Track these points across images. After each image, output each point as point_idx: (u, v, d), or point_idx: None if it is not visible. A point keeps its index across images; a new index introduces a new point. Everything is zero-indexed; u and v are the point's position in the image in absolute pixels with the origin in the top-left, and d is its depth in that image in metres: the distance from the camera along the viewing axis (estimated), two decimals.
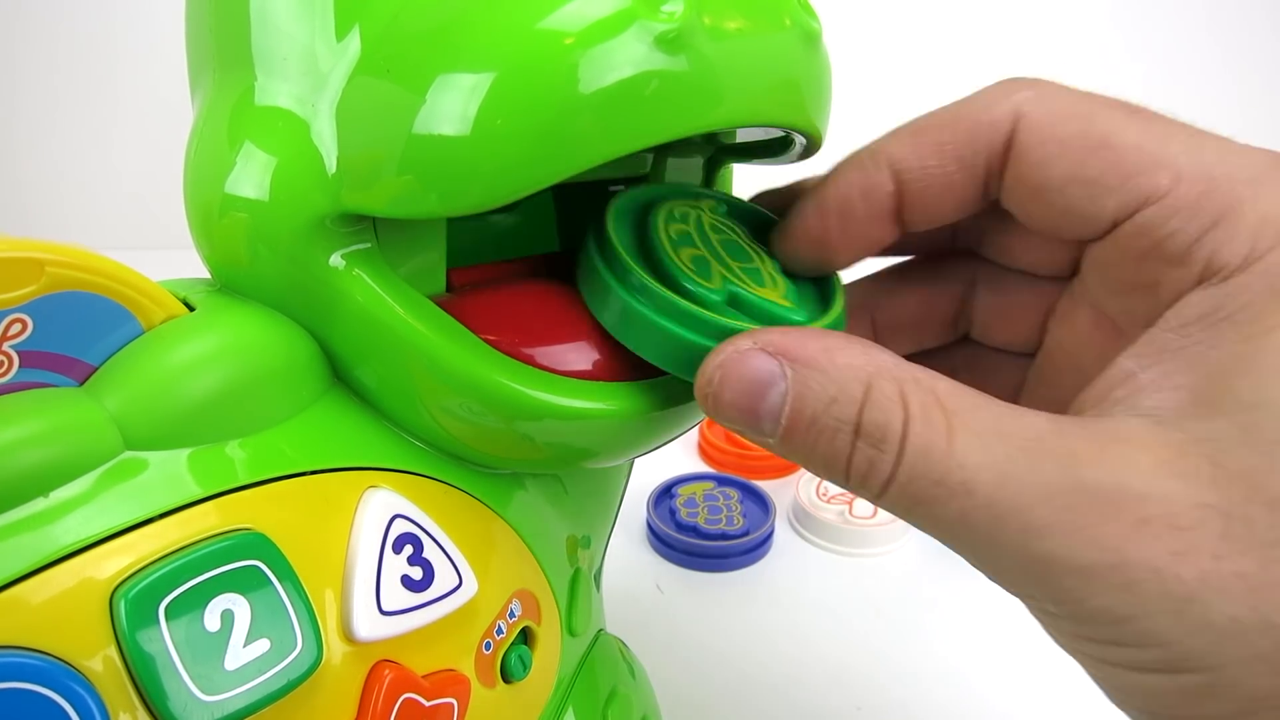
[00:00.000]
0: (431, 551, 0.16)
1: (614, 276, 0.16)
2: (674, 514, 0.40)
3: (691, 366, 0.16)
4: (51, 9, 0.77)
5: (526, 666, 0.18)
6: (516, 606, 0.18)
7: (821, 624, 0.35)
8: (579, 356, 0.16)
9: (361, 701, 0.14)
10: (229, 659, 0.12)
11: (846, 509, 0.40)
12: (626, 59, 0.13)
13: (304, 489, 0.15)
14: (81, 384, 0.13)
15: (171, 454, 0.13)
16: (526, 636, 0.19)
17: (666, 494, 0.42)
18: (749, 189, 0.21)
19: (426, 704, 0.15)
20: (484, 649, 0.17)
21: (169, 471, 0.13)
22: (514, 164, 0.13)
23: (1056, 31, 0.77)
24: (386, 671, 0.14)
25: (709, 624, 0.35)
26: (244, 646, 0.13)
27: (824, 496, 0.41)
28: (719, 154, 0.22)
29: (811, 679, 0.32)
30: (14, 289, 0.12)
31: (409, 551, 0.15)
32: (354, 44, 0.14)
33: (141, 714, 0.12)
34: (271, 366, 0.15)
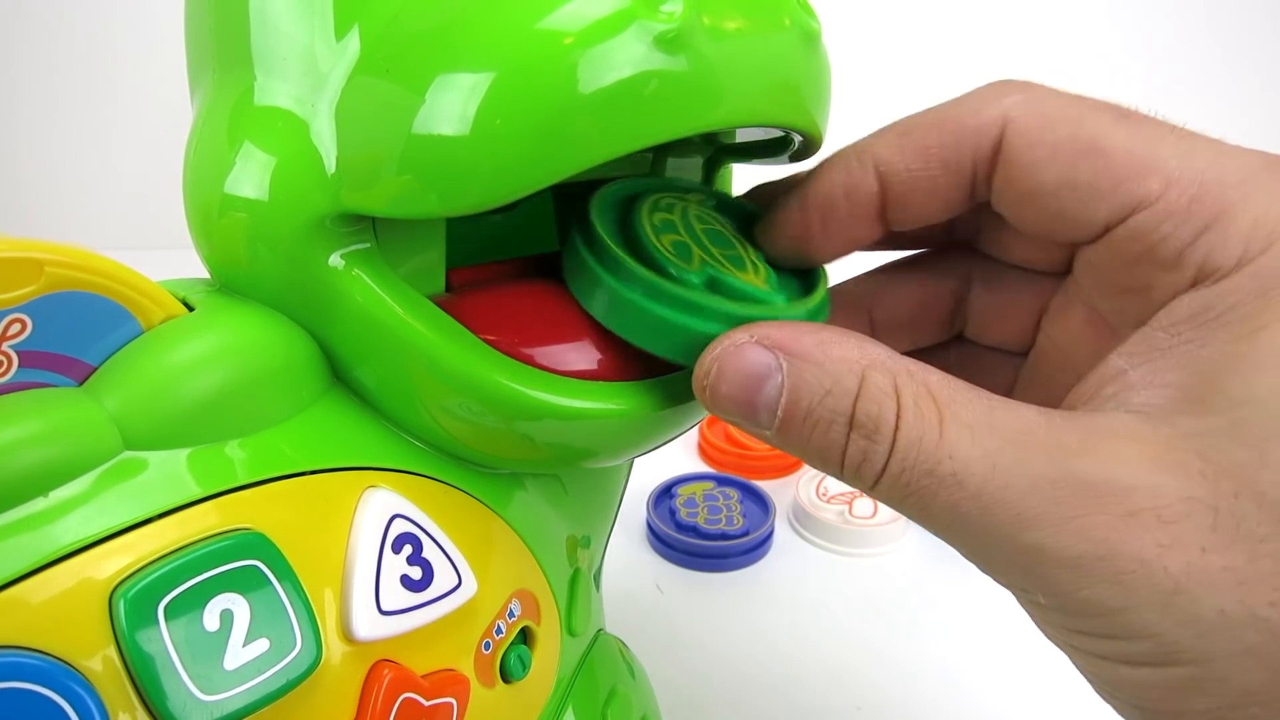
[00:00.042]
0: (431, 551, 0.16)
1: (596, 260, 0.16)
2: (674, 514, 0.40)
3: (675, 347, 0.16)
4: (51, 9, 0.77)
5: (526, 666, 0.18)
6: (516, 606, 0.18)
7: (821, 624, 0.35)
8: (579, 356, 0.16)
9: (361, 701, 0.14)
10: (228, 659, 0.12)
11: (846, 509, 0.40)
12: (626, 59, 0.13)
13: (303, 489, 0.15)
14: (81, 384, 0.13)
15: (171, 454, 0.13)
16: (526, 636, 0.19)
17: (666, 494, 0.42)
18: (748, 188, 0.21)
19: (426, 704, 0.15)
20: (483, 649, 0.17)
21: (168, 471, 0.13)
22: (513, 164, 0.13)
23: (1056, 31, 0.77)
24: (386, 671, 0.14)
25: (709, 624, 0.35)
26: (243, 646, 0.13)
27: (824, 496, 0.41)
28: (719, 154, 0.22)
29: (811, 679, 0.32)
30: (13, 289, 0.12)
31: (408, 551, 0.15)
32: (353, 44, 0.14)
33: (141, 714, 0.12)
34: (271, 366, 0.15)
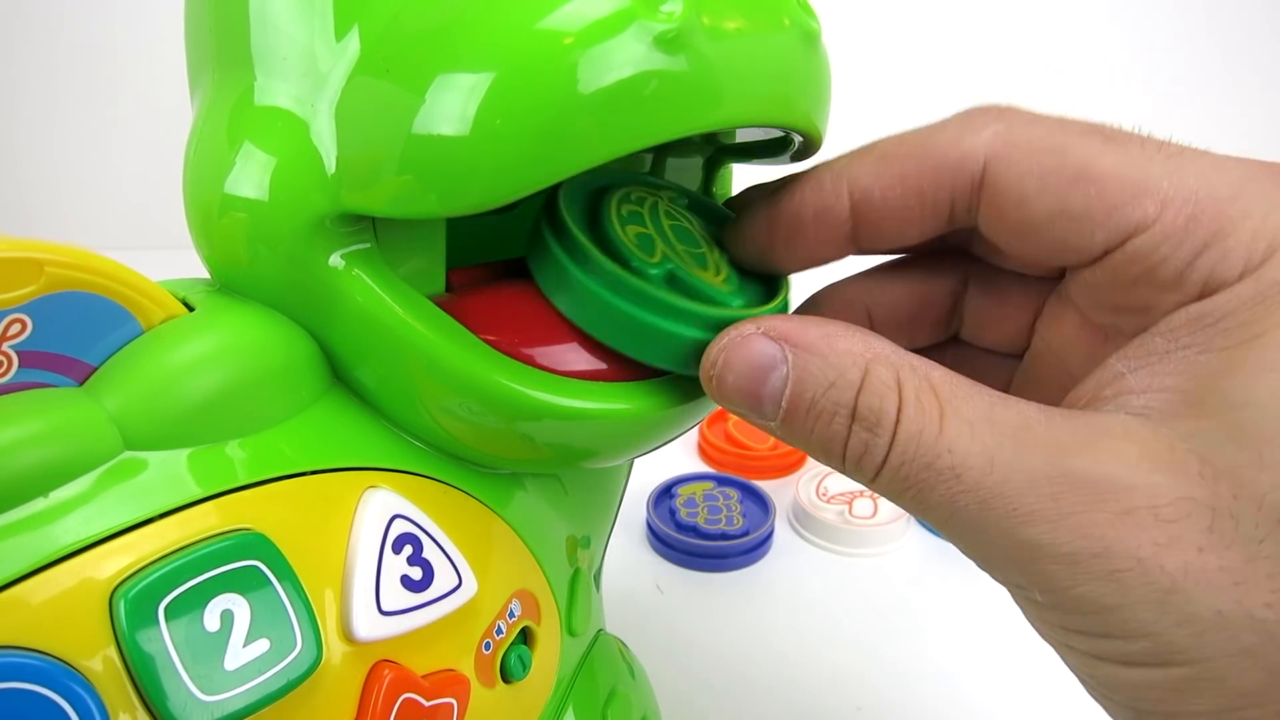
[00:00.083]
0: (431, 551, 0.16)
1: (558, 243, 0.16)
2: (674, 514, 0.40)
3: (623, 338, 0.16)
4: (51, 9, 0.77)
5: (526, 666, 0.18)
6: (516, 606, 0.18)
7: (821, 624, 0.35)
8: (579, 356, 0.16)
9: (361, 701, 0.14)
10: (229, 659, 0.12)
11: (846, 509, 0.40)
12: (626, 59, 0.13)
13: (303, 489, 0.15)
14: (81, 384, 0.13)
15: (171, 454, 0.13)
16: (526, 636, 0.19)
17: (666, 494, 0.42)
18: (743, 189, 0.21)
19: (426, 704, 0.15)
20: (484, 649, 0.17)
21: (169, 471, 0.13)
22: (513, 164, 0.13)
23: (1056, 31, 0.77)
24: (386, 671, 0.14)
25: (709, 624, 0.35)
26: (244, 646, 0.13)
27: (824, 496, 0.41)
28: (718, 154, 0.22)
29: (811, 679, 0.32)
30: (13, 289, 0.12)
31: (408, 551, 0.15)
32: (353, 44, 0.14)
33: (141, 714, 0.12)
34: (271, 367, 0.15)
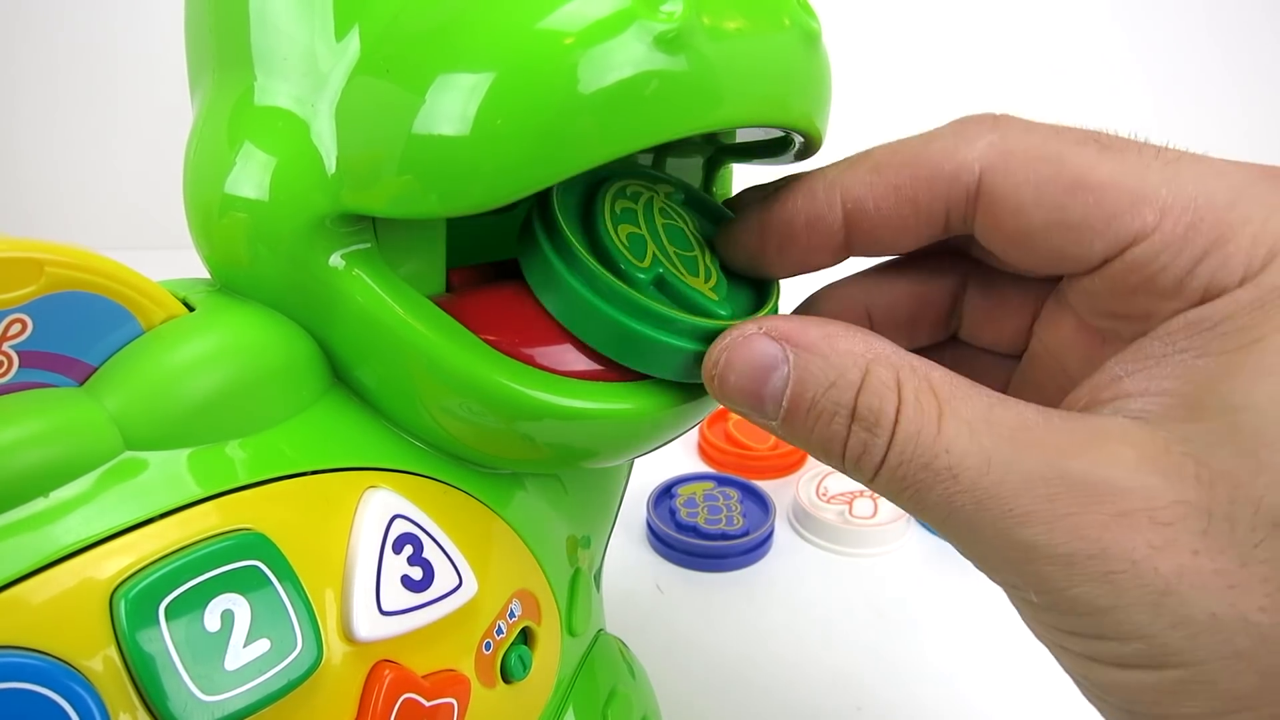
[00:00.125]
0: (431, 552, 0.16)
1: (550, 244, 0.16)
2: (674, 514, 0.40)
3: (616, 346, 0.16)
4: (51, 10, 0.77)
5: (526, 666, 0.18)
6: (516, 606, 0.18)
7: (821, 624, 0.35)
8: (579, 357, 0.16)
9: (361, 702, 0.14)
10: (229, 659, 0.12)
11: (846, 509, 0.40)
12: (626, 59, 0.13)
13: (304, 489, 0.15)
14: (81, 384, 0.13)
15: (171, 454, 0.13)
16: (526, 636, 0.19)
17: (666, 494, 0.42)
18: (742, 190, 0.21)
19: (426, 704, 0.15)
20: (484, 649, 0.17)
21: (169, 471, 0.13)
22: (514, 164, 0.13)
23: (1056, 31, 0.77)
24: (386, 671, 0.14)
25: (709, 624, 0.35)
26: (244, 646, 0.13)
27: (824, 497, 0.41)
28: (719, 154, 0.22)
29: (811, 679, 0.32)
30: (14, 289, 0.12)
31: (409, 551, 0.15)
32: (353, 44, 0.14)
33: (141, 714, 0.12)
34: (271, 367, 0.15)
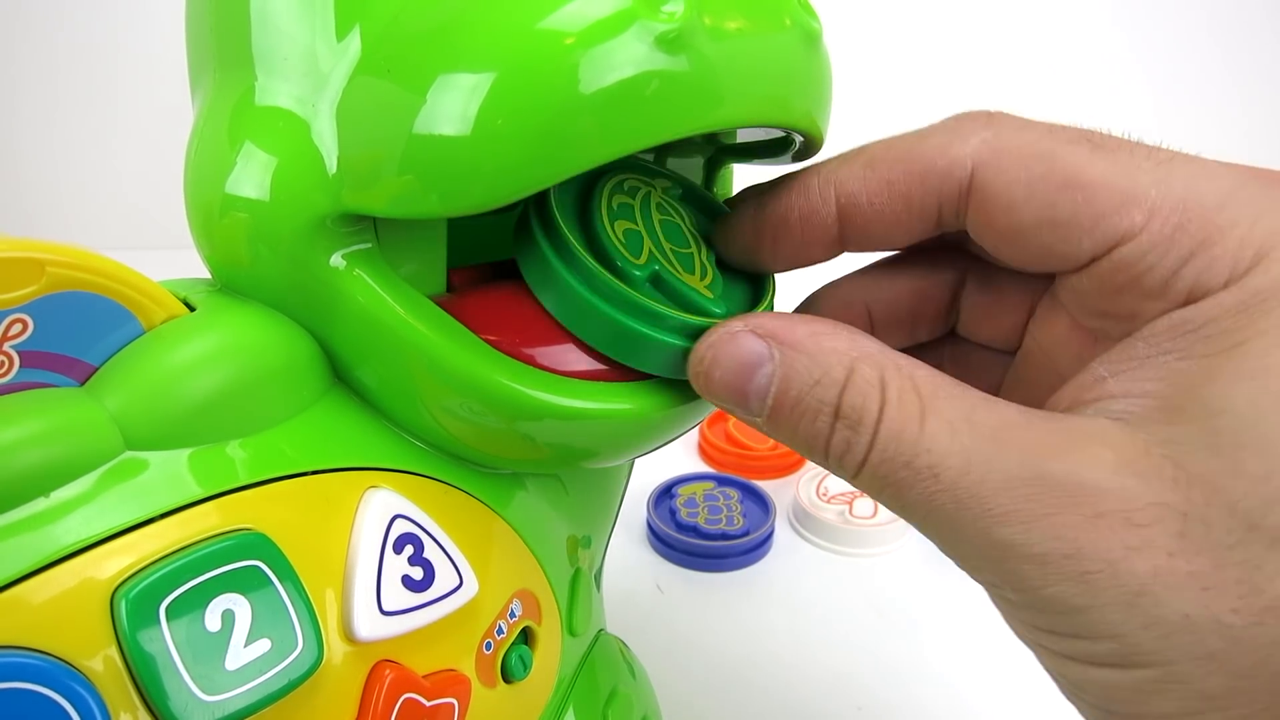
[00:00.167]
0: (432, 551, 0.16)
1: (547, 240, 0.16)
2: (674, 514, 0.40)
3: (611, 343, 0.16)
4: (51, 9, 0.77)
5: (527, 666, 0.18)
6: (517, 606, 0.18)
7: (821, 624, 0.35)
8: (579, 356, 0.16)
9: (362, 701, 0.14)
10: (230, 659, 0.12)
11: (846, 509, 0.40)
12: (627, 59, 0.13)
13: (304, 489, 0.15)
14: (82, 384, 0.13)
15: (172, 454, 0.13)
16: (527, 636, 0.19)
17: (666, 494, 0.42)
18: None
19: (427, 704, 0.15)
20: (484, 649, 0.17)
21: (169, 471, 0.13)
22: (514, 164, 0.13)
23: (1055, 30, 0.77)
24: (387, 671, 0.14)
25: (709, 624, 0.35)
26: (245, 646, 0.13)
27: (824, 496, 0.41)
28: (719, 154, 0.22)
29: (811, 679, 0.32)
30: (15, 289, 0.12)
31: (409, 551, 0.15)
32: (354, 44, 0.14)
33: (142, 714, 0.12)
34: (272, 367, 0.15)
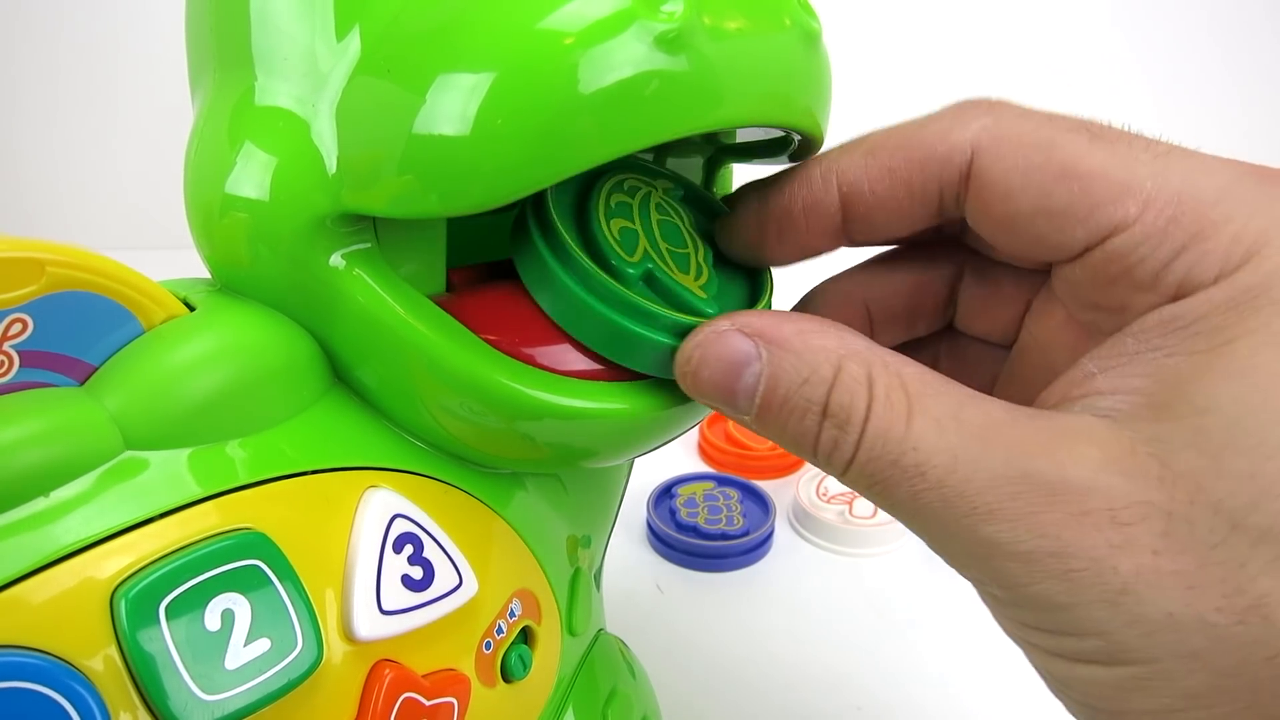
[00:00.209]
0: (432, 551, 0.16)
1: (542, 237, 0.16)
2: (674, 514, 0.40)
3: (604, 341, 0.16)
4: (51, 10, 0.77)
5: (527, 666, 0.18)
6: (517, 606, 0.18)
7: (821, 624, 0.35)
8: (578, 356, 0.16)
9: (362, 701, 0.14)
10: (229, 658, 0.12)
11: (846, 509, 0.40)
12: (626, 59, 0.13)
13: (304, 489, 0.15)
14: (82, 384, 0.13)
15: (172, 454, 0.13)
16: (527, 636, 0.19)
17: (666, 494, 0.42)
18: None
19: (427, 703, 0.15)
20: (484, 648, 0.17)
21: (169, 471, 0.13)
22: (514, 164, 0.13)
23: (1054, 29, 0.77)
24: (387, 671, 0.14)
25: (709, 624, 0.35)
26: (244, 646, 0.13)
27: (824, 496, 0.41)
28: (719, 154, 0.22)
29: (811, 679, 0.32)
30: (14, 289, 0.12)
31: (409, 551, 0.15)
32: (354, 44, 0.14)
33: (142, 713, 0.12)
34: (272, 366, 0.15)
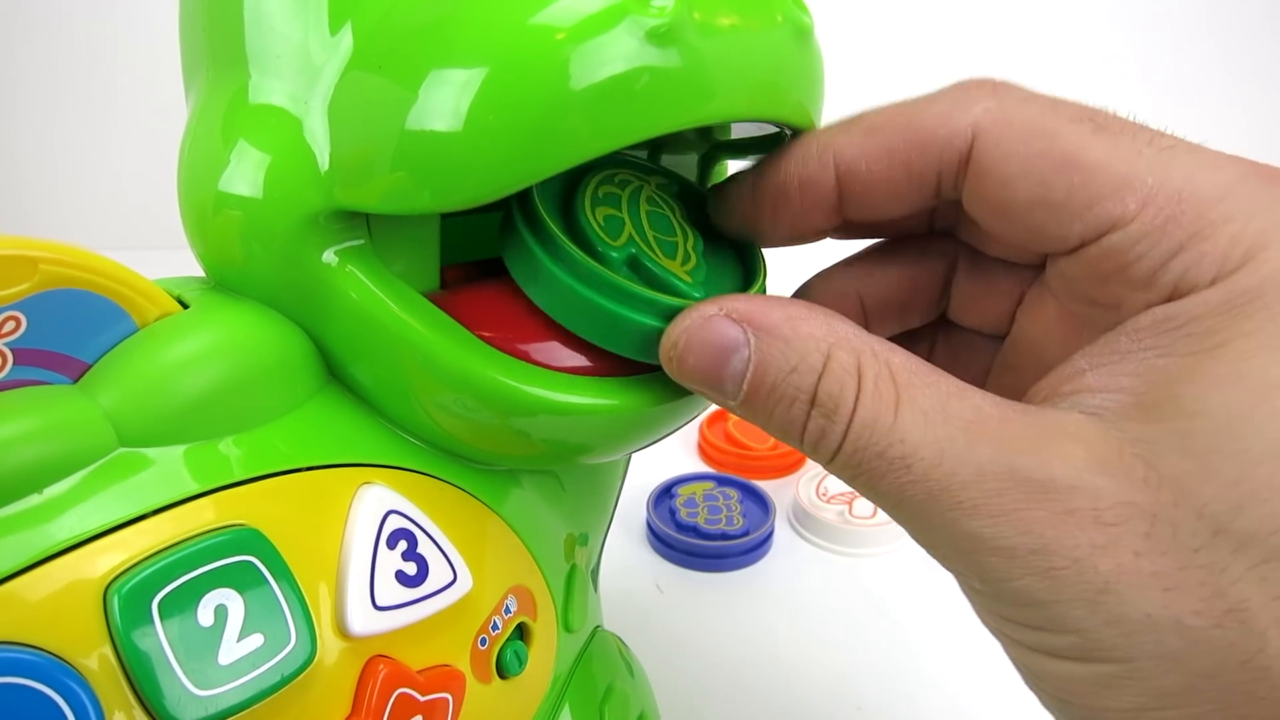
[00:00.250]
0: (426, 547, 0.16)
1: (526, 224, 0.16)
2: (674, 514, 0.40)
3: (590, 325, 0.16)
4: (51, 10, 0.77)
5: (522, 662, 0.18)
6: (512, 602, 0.18)
7: (821, 624, 0.35)
8: (574, 352, 0.16)
9: (356, 697, 0.14)
10: (223, 654, 0.12)
11: (846, 509, 0.40)
12: (618, 54, 0.13)
13: (298, 485, 0.15)
14: (76, 381, 0.13)
15: (166, 450, 0.13)
16: (522, 632, 0.19)
17: (666, 494, 0.42)
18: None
19: (421, 699, 0.15)
20: (479, 644, 0.17)
21: (163, 468, 0.13)
22: (506, 159, 0.13)
23: (1053, 27, 0.77)
24: (381, 667, 0.14)
25: (708, 624, 0.35)
26: (238, 641, 0.13)
27: (824, 496, 0.41)
28: (713, 150, 0.22)
29: (811, 679, 0.32)
30: (8, 286, 0.12)
31: (403, 547, 0.15)
32: (346, 40, 0.14)
33: (136, 709, 0.12)
34: (265, 363, 0.15)
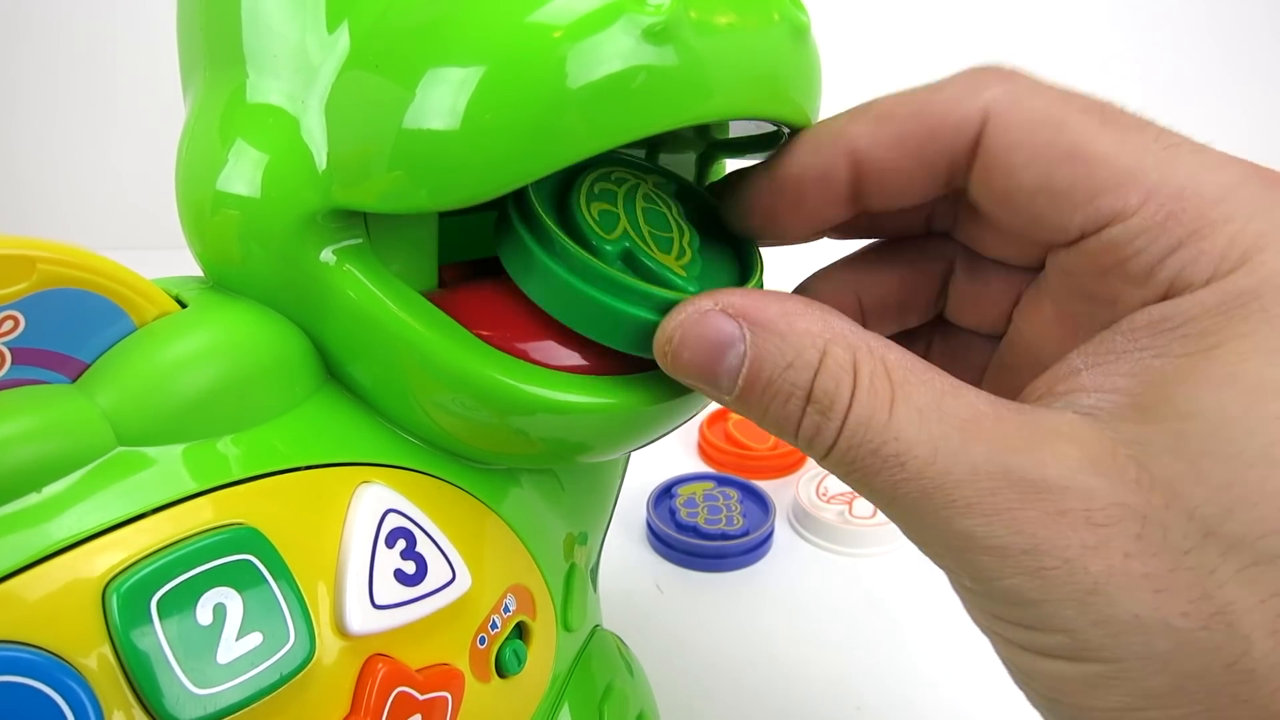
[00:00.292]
0: (425, 546, 0.16)
1: (520, 219, 0.16)
2: (674, 514, 0.40)
3: (583, 319, 0.16)
4: (51, 10, 0.77)
5: (521, 661, 0.18)
6: (511, 601, 0.18)
7: (821, 624, 0.35)
8: (572, 351, 0.16)
9: (355, 695, 0.14)
10: (221, 653, 0.12)
11: (846, 509, 0.40)
12: (614, 52, 0.13)
13: (297, 484, 0.15)
14: (74, 381, 0.13)
15: (164, 449, 0.13)
16: (521, 631, 0.19)
17: (666, 494, 0.42)
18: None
19: (420, 698, 0.15)
20: (478, 643, 0.17)
21: (162, 467, 0.13)
22: (504, 158, 0.13)
23: (1052, 27, 0.77)
24: (380, 665, 0.14)
25: (708, 624, 0.35)
26: (236, 640, 0.13)
27: (824, 496, 0.41)
28: (711, 149, 0.22)
29: (810, 679, 0.32)
30: (6, 286, 0.12)
31: (402, 546, 0.15)
32: (343, 38, 0.15)
33: (135, 708, 0.12)
34: (264, 363, 0.15)
